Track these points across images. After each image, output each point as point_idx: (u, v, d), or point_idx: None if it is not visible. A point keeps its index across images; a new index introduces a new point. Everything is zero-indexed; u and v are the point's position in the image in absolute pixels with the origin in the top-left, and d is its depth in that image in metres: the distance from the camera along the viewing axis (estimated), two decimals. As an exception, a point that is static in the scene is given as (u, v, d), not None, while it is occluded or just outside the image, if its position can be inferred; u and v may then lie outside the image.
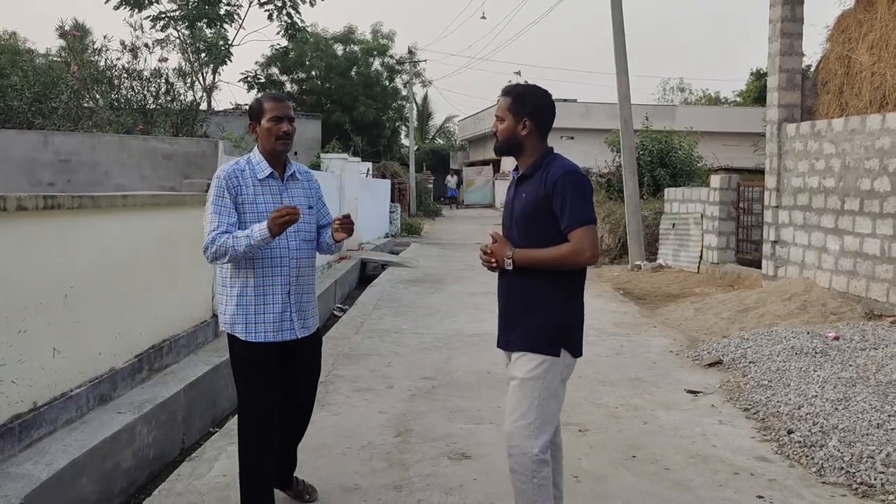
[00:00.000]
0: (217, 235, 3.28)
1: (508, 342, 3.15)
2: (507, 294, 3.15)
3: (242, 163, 3.50)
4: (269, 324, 3.39)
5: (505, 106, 3.15)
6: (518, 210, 3.12)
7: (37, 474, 3.69)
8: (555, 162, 3.13)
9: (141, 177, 6.91)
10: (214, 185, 3.41)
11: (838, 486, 4.06)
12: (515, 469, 3.00)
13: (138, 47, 11.42)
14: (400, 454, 4.46)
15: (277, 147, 3.44)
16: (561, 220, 3.01)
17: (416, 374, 6.33)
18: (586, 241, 2.98)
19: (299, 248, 3.48)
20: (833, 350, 6.35)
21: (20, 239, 4.04)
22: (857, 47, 9.32)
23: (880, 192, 8.17)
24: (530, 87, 3.21)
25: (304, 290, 3.52)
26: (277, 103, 3.48)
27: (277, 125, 3.42)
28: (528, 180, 3.13)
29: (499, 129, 3.18)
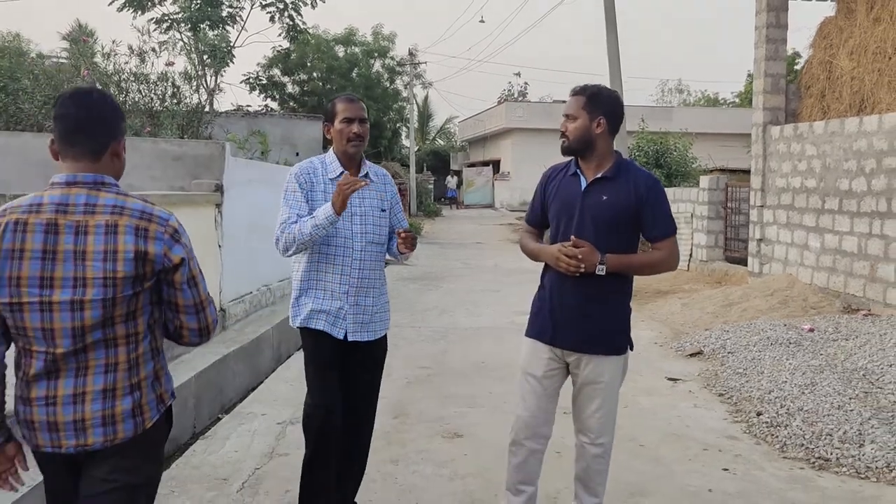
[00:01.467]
0: (287, 225, 3.29)
1: (581, 343, 3.12)
2: (583, 296, 3.08)
3: (316, 162, 3.50)
4: (326, 315, 3.35)
5: (579, 104, 3.12)
6: (601, 213, 3.08)
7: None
8: (636, 167, 3.20)
9: (151, 177, 7.26)
10: (288, 179, 3.43)
11: (798, 460, 4.43)
12: (603, 456, 3.20)
13: (145, 51, 11.80)
14: (397, 434, 4.84)
15: (349, 149, 3.41)
16: (652, 227, 3.12)
17: (413, 364, 6.71)
18: (676, 250, 3.16)
19: (365, 249, 3.39)
20: (807, 341, 6.72)
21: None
22: (838, 53, 9.69)
23: (857, 192, 8.54)
24: (603, 87, 3.21)
25: (366, 294, 3.41)
26: (349, 104, 3.43)
27: (348, 126, 3.38)
28: (610, 183, 3.10)
29: (569, 127, 3.14)
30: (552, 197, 3.25)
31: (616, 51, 14.49)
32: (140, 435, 2.17)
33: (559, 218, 3.18)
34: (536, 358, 3.22)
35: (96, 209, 2.12)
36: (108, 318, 2.11)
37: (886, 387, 5.25)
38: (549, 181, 3.30)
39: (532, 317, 3.31)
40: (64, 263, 2.09)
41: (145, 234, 2.12)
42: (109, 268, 2.09)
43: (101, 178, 2.17)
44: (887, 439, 4.42)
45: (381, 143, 34.74)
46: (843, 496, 3.93)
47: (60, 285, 2.08)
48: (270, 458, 4.40)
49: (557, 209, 3.20)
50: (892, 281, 7.91)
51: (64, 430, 2.10)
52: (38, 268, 2.08)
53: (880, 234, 8.14)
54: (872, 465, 4.22)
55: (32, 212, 2.09)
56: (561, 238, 3.13)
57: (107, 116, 2.22)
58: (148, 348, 2.20)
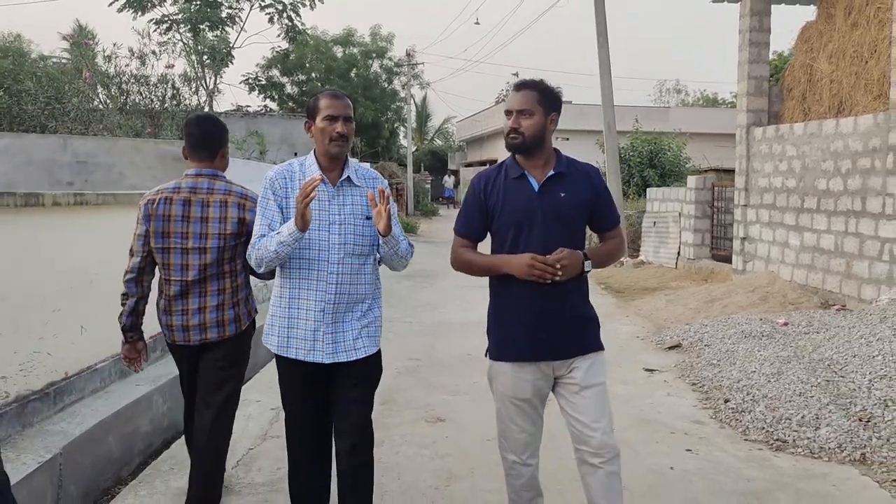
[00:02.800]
0: (258, 240, 3.05)
1: (573, 346, 2.96)
2: (562, 297, 2.91)
3: (295, 164, 3.19)
4: (300, 340, 3.09)
5: (533, 99, 2.94)
6: (564, 212, 2.94)
7: (71, 431, 4.33)
8: (575, 160, 3.10)
9: (153, 177, 7.56)
10: (263, 186, 3.16)
11: (758, 442, 4.73)
12: (616, 472, 2.95)
13: (146, 54, 12.11)
14: (384, 418, 5.13)
15: (331, 149, 3.08)
16: (607, 217, 3.09)
17: (403, 355, 7.00)
18: (624, 236, 3.17)
19: (343, 262, 3.06)
20: (779, 334, 7.01)
21: (55, 230, 4.71)
22: (818, 56, 9.98)
23: (834, 192, 8.84)
24: (548, 83, 3.05)
25: (345, 311, 3.09)
26: (334, 101, 3.10)
27: (331, 125, 3.06)
28: (565, 179, 2.98)
29: (524, 124, 2.93)
30: (498, 205, 2.98)
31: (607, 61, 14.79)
32: (239, 334, 3.56)
33: (516, 226, 2.94)
34: (521, 381, 2.97)
35: (214, 191, 3.50)
36: (220, 259, 3.47)
37: (848, 375, 5.53)
38: (489, 189, 3.02)
39: (499, 338, 3.03)
40: (194, 224, 3.46)
41: (244, 207, 3.48)
42: (222, 228, 3.45)
43: (216, 172, 3.57)
44: (842, 423, 4.72)
45: (378, 143, 35.07)
46: (795, 473, 4.22)
47: (192, 237, 3.45)
48: (264, 440, 4.70)
49: (513, 216, 2.96)
50: (866, 277, 8.20)
51: (192, 330, 3.48)
52: (179, 226, 3.45)
53: (855, 232, 8.43)
54: (826, 445, 4.52)
55: (175, 192, 3.50)
56: (524, 246, 2.90)
57: (217, 133, 3.63)
58: (243, 280, 3.59)
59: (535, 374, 2.97)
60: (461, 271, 3.12)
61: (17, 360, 4.20)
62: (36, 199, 4.49)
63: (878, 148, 8.07)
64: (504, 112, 3.02)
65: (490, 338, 3.10)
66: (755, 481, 4.10)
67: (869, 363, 5.58)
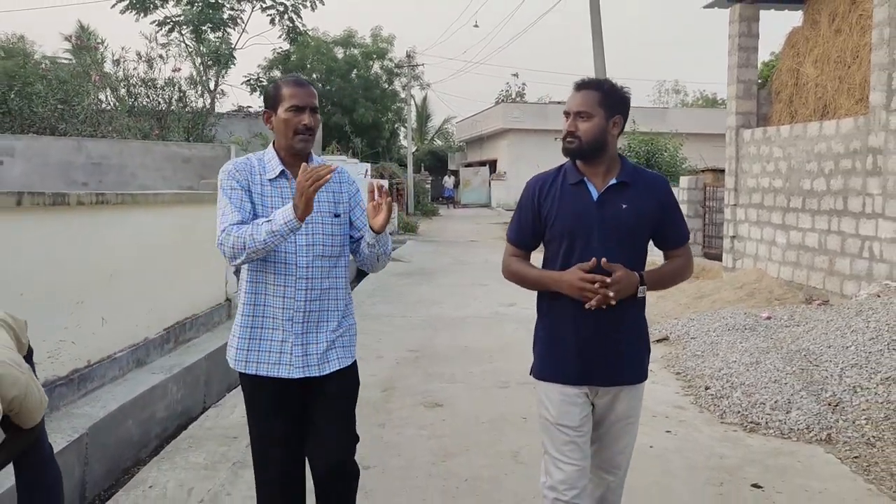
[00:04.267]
0: (234, 227, 2.67)
1: (620, 375, 2.74)
2: (614, 321, 2.68)
3: (253, 159, 2.87)
4: (264, 353, 2.78)
5: (594, 100, 2.69)
6: (624, 225, 2.69)
7: (94, 414, 4.67)
8: (643, 169, 2.88)
9: (163, 178, 7.92)
10: (222, 178, 2.82)
11: (733, 424, 5.08)
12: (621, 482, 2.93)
13: (153, 58, 12.46)
14: (384, 403, 5.48)
15: (295, 144, 2.78)
16: (674, 234, 2.82)
17: (402, 347, 7.35)
18: (692, 255, 2.90)
19: (312, 265, 2.77)
20: (761, 327, 7.36)
21: (78, 227, 5.05)
22: (804, 61, 10.33)
23: (818, 192, 9.18)
24: (615, 82, 2.81)
25: (317, 319, 2.81)
26: (299, 89, 2.79)
27: (297, 116, 2.76)
28: (628, 189, 2.72)
29: (582, 127, 2.69)
30: (553, 212, 2.73)
31: (601, 58, 15.13)
32: None
33: (571, 236, 2.70)
34: (569, 405, 2.73)
35: None
36: None
37: (822, 364, 5.87)
38: (544, 194, 2.78)
39: (545, 356, 2.81)
40: None
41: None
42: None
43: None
44: (811, 406, 5.06)
45: (379, 144, 35.41)
46: (765, 451, 4.57)
47: None
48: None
49: (567, 226, 2.71)
50: (847, 274, 8.55)
51: None
52: None
53: (837, 230, 8.78)
54: (795, 427, 4.87)
55: None
56: (577, 259, 2.66)
57: None
58: None
59: (582, 398, 2.73)
60: (512, 282, 2.88)
61: (46, 348, 4.54)
62: (62, 198, 4.83)
63: (859, 150, 8.41)
64: (563, 113, 2.78)
65: (535, 354, 2.86)
66: (727, 458, 4.45)
67: (842, 353, 5.92)
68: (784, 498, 3.90)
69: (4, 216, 4.27)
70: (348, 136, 30.66)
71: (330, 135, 28.55)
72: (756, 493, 3.97)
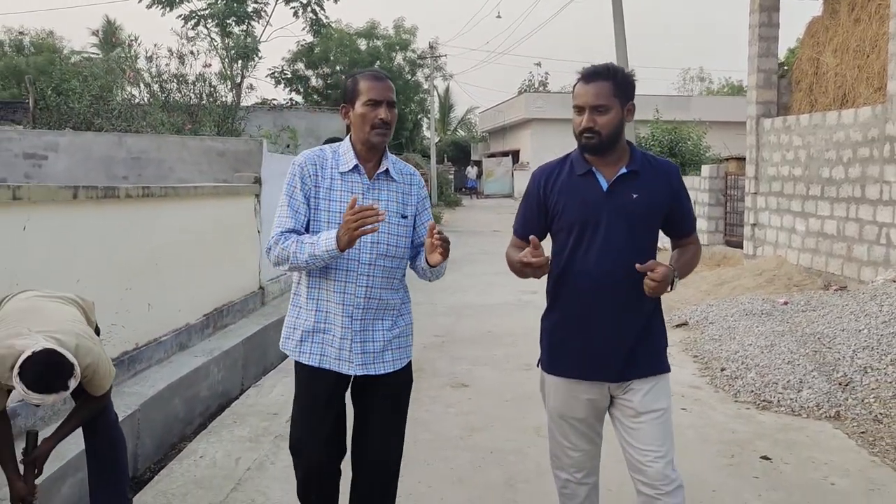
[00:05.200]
0: (281, 236, 2.71)
1: (632, 368, 2.63)
2: (624, 310, 2.60)
3: (327, 151, 2.87)
4: (327, 346, 2.78)
5: (609, 92, 2.57)
6: (636, 215, 2.60)
7: (144, 392, 5.01)
8: (652, 155, 2.77)
9: (199, 171, 8.26)
10: (292, 171, 2.83)
11: (746, 403, 5.32)
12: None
13: (184, 54, 12.84)
14: (414, 384, 5.77)
15: (372, 138, 2.75)
16: (684, 222, 2.76)
17: (428, 332, 7.64)
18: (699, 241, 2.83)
19: (374, 262, 2.74)
20: (778, 312, 7.56)
21: (127, 219, 5.39)
22: (824, 50, 10.44)
23: (837, 180, 9.33)
24: (621, 68, 2.71)
25: (375, 318, 2.78)
26: (376, 83, 2.76)
27: (374, 110, 2.74)
28: (638, 178, 2.63)
29: (601, 122, 2.57)
30: (561, 204, 2.66)
31: (623, 47, 15.27)
32: None
33: (580, 227, 2.62)
34: (574, 400, 2.68)
35: None
36: None
37: (835, 347, 6.08)
38: (550, 185, 2.71)
39: (552, 349, 2.74)
40: None
41: None
42: None
43: None
44: (822, 386, 5.29)
45: (402, 135, 35.70)
46: (775, 427, 4.81)
47: None
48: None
49: (575, 216, 2.63)
50: (865, 260, 8.70)
51: None
52: None
53: (855, 217, 8.93)
54: (805, 405, 5.10)
55: None
56: (585, 252, 2.60)
57: None
58: None
59: (590, 392, 2.66)
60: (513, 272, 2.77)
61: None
62: (113, 191, 5.18)
63: (877, 138, 8.55)
64: (573, 108, 2.65)
65: (542, 347, 2.79)
66: (739, 433, 4.70)
67: (855, 336, 6.12)
68: (790, 468, 4.15)
69: (63, 208, 4.61)
70: (372, 128, 30.89)
71: (354, 126, 28.80)
72: (765, 463, 4.21)
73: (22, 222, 4.19)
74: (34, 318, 3.04)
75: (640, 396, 2.62)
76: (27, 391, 2.70)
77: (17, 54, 33.65)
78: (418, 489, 3.87)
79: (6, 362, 2.75)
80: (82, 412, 3.24)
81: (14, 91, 27.73)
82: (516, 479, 4.00)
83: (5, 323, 3.00)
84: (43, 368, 2.71)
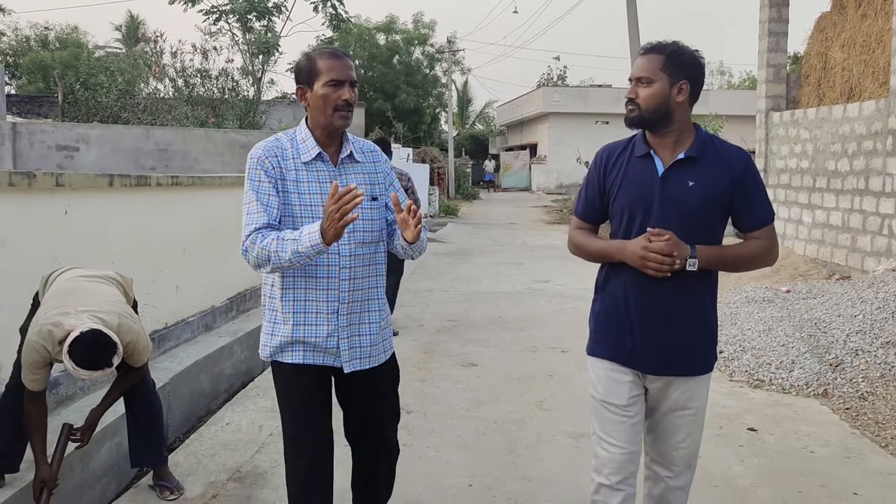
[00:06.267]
0: (257, 235, 2.51)
1: (669, 365, 2.56)
2: (670, 302, 2.51)
3: (284, 140, 2.65)
4: (309, 344, 2.62)
5: (656, 65, 2.51)
6: (688, 203, 2.49)
7: (173, 368, 5.37)
8: (721, 141, 2.62)
9: (222, 162, 8.64)
10: (251, 165, 2.61)
11: (740, 382, 5.60)
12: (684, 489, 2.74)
13: (208, 50, 13.23)
14: (425, 363, 6.12)
15: (335, 121, 2.57)
16: (749, 215, 2.56)
17: (441, 318, 7.98)
18: (776, 240, 2.63)
19: (354, 253, 2.61)
20: (779, 299, 7.81)
21: (158, 206, 5.76)
22: (832, 45, 10.63)
23: (842, 172, 9.54)
24: (683, 44, 2.59)
25: (361, 310, 2.67)
26: (337, 62, 2.57)
27: (336, 91, 2.54)
28: (696, 165, 2.52)
29: (642, 94, 2.52)
30: (617, 185, 2.60)
31: (637, 41, 15.47)
32: None
33: (631, 211, 2.55)
34: (615, 383, 2.61)
35: None
36: None
37: (829, 331, 6.34)
38: (610, 165, 2.64)
39: (598, 331, 2.69)
40: None
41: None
42: None
43: None
44: (812, 366, 5.56)
45: (420, 129, 36.02)
46: (765, 403, 5.10)
47: None
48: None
49: (627, 200, 2.56)
50: (868, 251, 8.92)
51: None
52: None
53: (859, 209, 9.14)
54: (796, 384, 5.38)
55: None
56: (636, 236, 2.51)
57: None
58: None
59: (630, 376, 2.60)
60: (578, 256, 2.75)
61: (132, 310, 5.24)
62: (144, 180, 5.54)
63: (880, 131, 8.76)
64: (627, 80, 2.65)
65: (589, 330, 2.75)
66: (730, 408, 4.99)
67: (850, 321, 6.37)
68: (774, 438, 4.44)
69: (100, 195, 4.98)
70: (390, 122, 31.36)
71: (372, 120, 29.23)
72: (751, 434, 4.51)
73: (64, 206, 4.56)
74: (79, 298, 3.34)
75: (680, 393, 2.59)
76: (76, 368, 2.98)
77: (42, 49, 34.29)
78: (427, 453, 4.20)
79: (54, 338, 3.07)
80: (123, 382, 3.59)
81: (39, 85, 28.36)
82: (517, 446, 4.33)
83: (52, 302, 3.32)
84: (90, 348, 2.99)
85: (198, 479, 3.91)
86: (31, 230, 4.22)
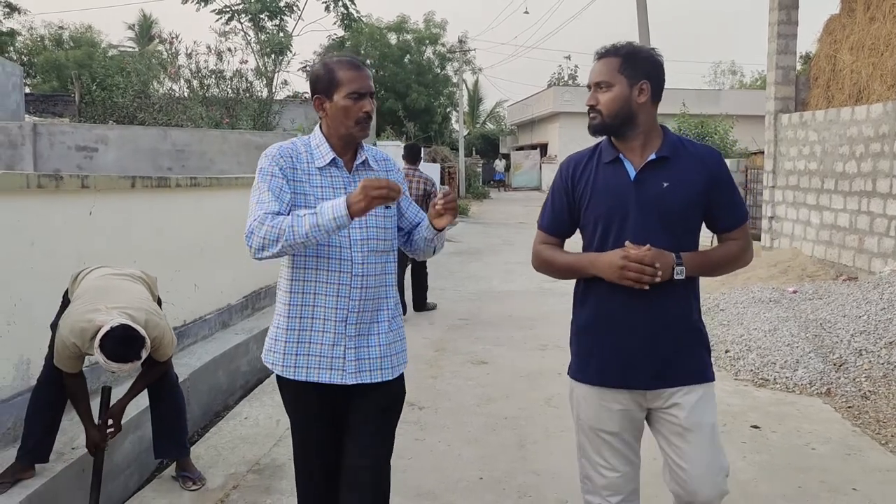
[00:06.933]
0: (269, 216, 2.40)
1: (669, 377, 2.42)
2: (660, 311, 2.40)
3: (299, 144, 2.61)
4: (314, 357, 2.53)
5: (613, 68, 2.43)
6: (667, 205, 2.41)
7: (192, 364, 5.53)
8: (691, 141, 2.55)
9: (238, 163, 8.81)
10: (264, 162, 2.56)
11: (745, 381, 5.72)
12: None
13: (222, 51, 13.40)
14: (437, 360, 6.26)
15: (356, 133, 2.57)
16: (727, 215, 2.50)
17: (452, 316, 8.12)
18: (751, 239, 2.58)
19: (367, 261, 2.55)
20: (786, 300, 7.90)
21: (177, 206, 5.92)
22: (840, 48, 10.70)
23: (850, 174, 9.62)
24: (638, 45, 2.53)
25: (370, 320, 2.59)
26: (358, 73, 2.54)
27: (358, 103, 2.53)
28: (669, 164, 2.44)
29: (602, 99, 2.44)
30: (588, 194, 2.50)
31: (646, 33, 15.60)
32: None
33: (607, 219, 2.45)
34: (605, 411, 2.48)
35: None
36: None
37: (834, 331, 6.44)
38: (578, 174, 2.54)
39: (582, 354, 2.55)
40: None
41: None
42: None
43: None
44: (816, 366, 5.67)
45: (431, 128, 36.18)
46: (769, 401, 5.22)
47: None
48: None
49: (602, 208, 2.46)
50: (875, 252, 9.00)
51: None
52: None
53: (867, 210, 9.22)
54: (800, 383, 5.49)
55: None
56: (613, 246, 2.40)
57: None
58: None
59: (625, 402, 2.46)
60: (542, 272, 2.63)
61: (154, 307, 5.40)
62: (165, 181, 5.71)
63: (887, 134, 8.83)
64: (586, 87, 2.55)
65: (571, 353, 2.61)
66: (734, 406, 5.11)
67: (854, 322, 6.47)
68: (777, 436, 4.56)
69: (122, 196, 5.14)
70: (401, 121, 31.53)
71: (383, 120, 29.41)
72: (754, 431, 4.63)
73: (88, 207, 4.72)
74: (109, 295, 3.52)
75: (687, 411, 2.40)
76: (107, 361, 3.17)
77: (56, 48, 34.63)
78: (438, 447, 4.35)
79: (86, 334, 3.25)
80: (149, 375, 3.76)
81: (54, 84, 28.66)
82: (526, 441, 4.47)
83: (84, 299, 3.49)
84: (119, 342, 3.18)
85: (218, 471, 4.07)
86: (59, 230, 4.39)
